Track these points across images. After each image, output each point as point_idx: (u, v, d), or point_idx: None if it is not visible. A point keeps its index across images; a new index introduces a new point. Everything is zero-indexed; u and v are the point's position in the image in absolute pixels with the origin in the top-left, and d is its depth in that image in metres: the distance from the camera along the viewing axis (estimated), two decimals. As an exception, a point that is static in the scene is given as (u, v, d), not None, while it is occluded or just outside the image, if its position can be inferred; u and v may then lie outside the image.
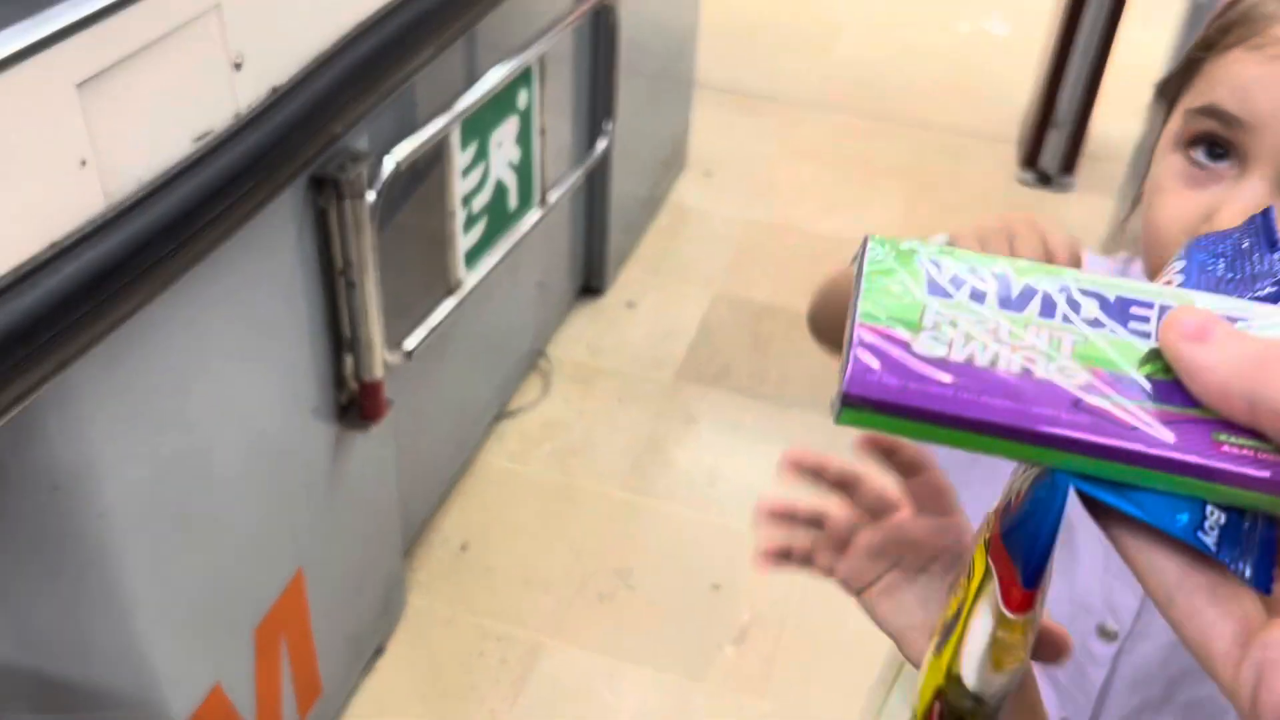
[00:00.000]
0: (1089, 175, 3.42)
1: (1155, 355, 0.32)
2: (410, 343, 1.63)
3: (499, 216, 1.83)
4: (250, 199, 1.16)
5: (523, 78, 1.77)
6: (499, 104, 1.72)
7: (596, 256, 2.77)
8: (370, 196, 1.41)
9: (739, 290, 2.88)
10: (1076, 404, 0.32)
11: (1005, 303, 0.34)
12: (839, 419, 0.34)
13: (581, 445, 2.39)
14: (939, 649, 0.44)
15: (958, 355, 0.33)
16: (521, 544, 2.18)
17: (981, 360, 0.33)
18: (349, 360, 1.53)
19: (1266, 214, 0.38)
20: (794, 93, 3.78)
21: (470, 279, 1.76)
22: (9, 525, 1.06)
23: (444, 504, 2.23)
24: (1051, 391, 0.32)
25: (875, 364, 0.33)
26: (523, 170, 1.87)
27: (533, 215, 1.95)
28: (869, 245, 0.36)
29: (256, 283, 1.32)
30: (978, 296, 0.34)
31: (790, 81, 3.85)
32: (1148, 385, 0.32)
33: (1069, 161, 3.37)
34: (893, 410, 0.33)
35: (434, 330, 1.68)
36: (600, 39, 2.20)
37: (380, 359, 1.52)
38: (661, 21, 2.75)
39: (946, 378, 0.33)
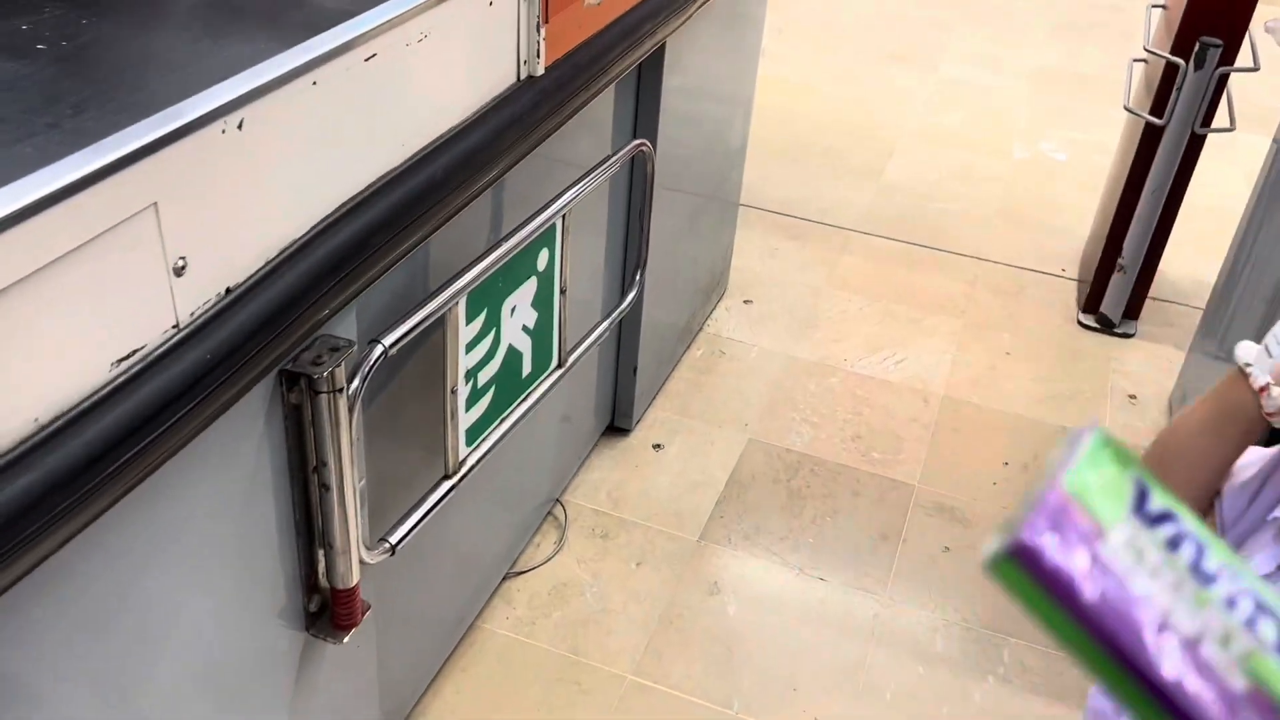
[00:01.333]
0: (1153, 321, 3.20)
1: None
2: (396, 536, 1.43)
3: (510, 385, 1.64)
4: (198, 413, 0.98)
5: (545, 236, 1.59)
6: (515, 267, 1.54)
7: (624, 394, 2.58)
8: (354, 386, 1.23)
9: (774, 436, 2.67)
10: (1232, 708, 0.30)
11: (1195, 570, 0.33)
12: (993, 565, 0.33)
13: (594, 615, 2.17)
14: None
15: (1138, 584, 0.32)
16: (519, 733, 1.95)
17: (1161, 600, 0.32)
18: (322, 562, 1.33)
19: None
20: (842, 215, 3.61)
21: (472, 457, 1.57)
22: None
23: (440, 677, 2.01)
24: (1210, 678, 0.31)
25: (1055, 535, 0.32)
26: (540, 334, 1.69)
27: (550, 379, 1.76)
28: (1096, 433, 0.36)
29: (214, 487, 1.13)
30: (1173, 546, 0.33)
31: (839, 203, 3.68)
32: None
33: (1133, 307, 3.16)
34: (1050, 584, 0.31)
35: (427, 517, 1.48)
36: (635, 181, 2.03)
37: (357, 564, 1.33)
38: (708, 144, 2.59)
39: (1116, 590, 0.31)
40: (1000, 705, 2.02)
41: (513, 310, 1.57)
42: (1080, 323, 3.19)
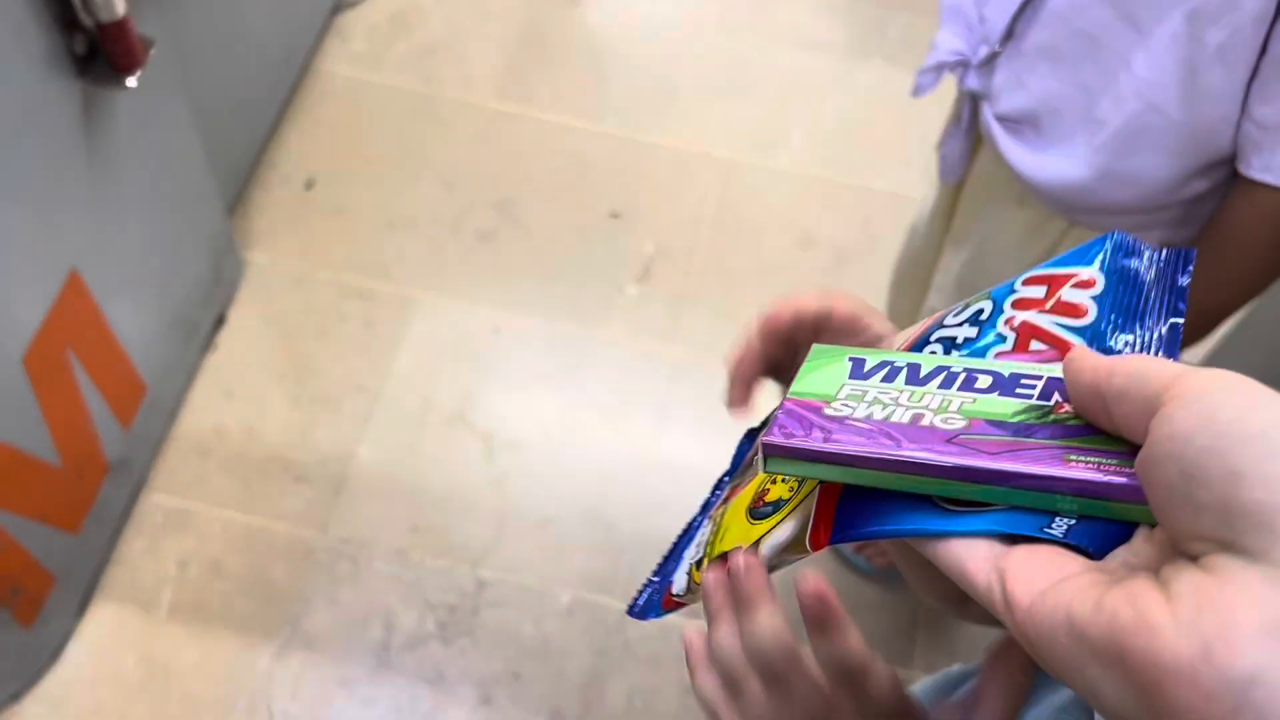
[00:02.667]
0: None
1: (1030, 409, 0.35)
2: (165, -47, 1.16)
3: None
4: None
5: None
6: None
7: None
8: None
9: None
10: (950, 439, 0.35)
11: (913, 379, 0.38)
12: (764, 468, 0.38)
13: (444, 41, 1.95)
14: (759, 517, 0.44)
15: (859, 415, 0.37)
16: (379, 176, 1.81)
17: (878, 416, 0.37)
18: (73, -8, 1.08)
19: (1189, 254, 0.39)
20: None
21: None
22: None
23: (278, 130, 1.82)
24: (931, 433, 0.35)
25: (790, 424, 0.37)
26: None
27: None
28: (811, 350, 0.42)
29: None
30: (891, 377, 0.39)
31: None
32: (1016, 425, 0.35)
33: None
34: (795, 455, 0.37)
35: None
36: None
37: (116, -13, 1.07)
38: None
39: (843, 431, 0.36)
40: (887, 83, 1.92)
41: None
42: None
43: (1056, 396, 0.35)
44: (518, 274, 1.73)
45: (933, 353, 0.41)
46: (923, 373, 0.38)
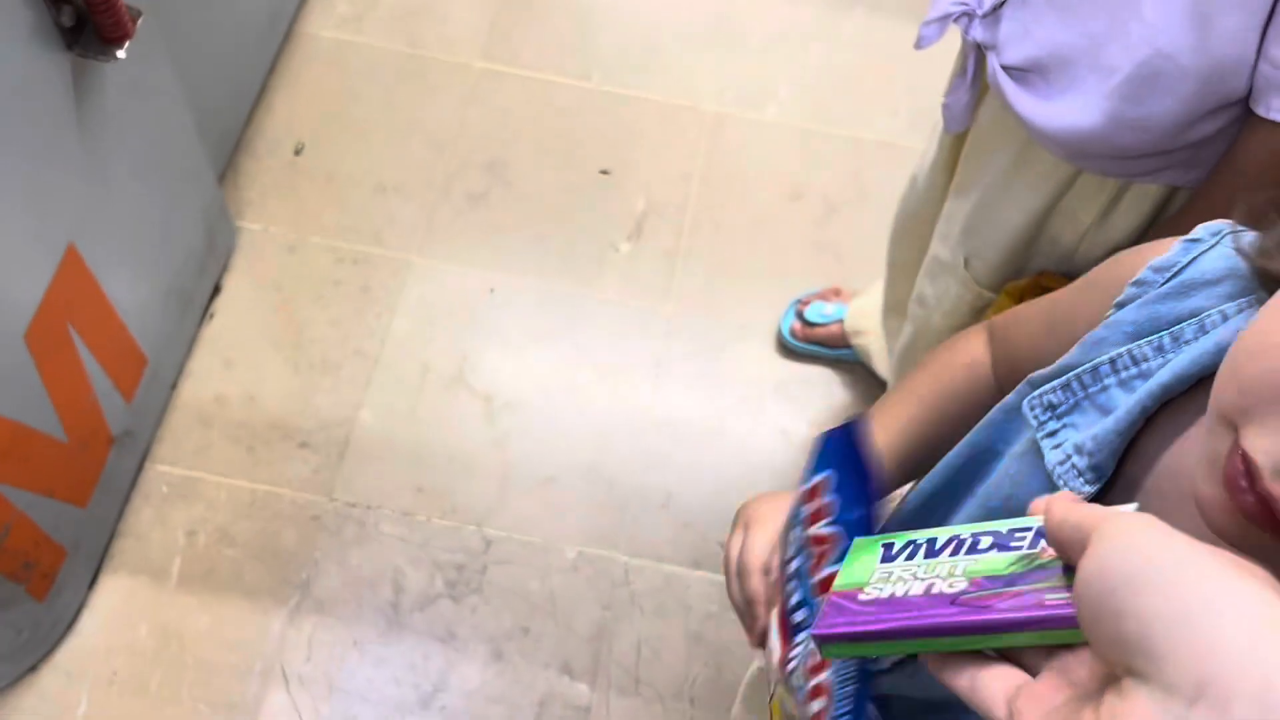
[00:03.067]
0: None
1: (1020, 559, 0.41)
2: (149, -79, 1.15)
3: None
4: None
5: None
6: None
7: None
8: None
9: None
10: (953, 601, 0.41)
11: (930, 553, 0.46)
12: (822, 654, 0.47)
13: (426, 1, 1.94)
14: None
15: (885, 594, 0.45)
16: (367, 141, 1.81)
17: (899, 593, 0.44)
18: (59, -37, 1.07)
19: (864, 422, 0.58)
20: None
21: None
22: None
23: (264, 96, 1.81)
24: (939, 599, 0.42)
25: (832, 614, 0.45)
26: None
27: None
28: (853, 544, 0.51)
29: None
30: (912, 555, 0.46)
31: None
32: (1007, 576, 0.41)
33: None
34: (838, 639, 0.45)
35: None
36: None
37: (102, -43, 1.07)
38: None
39: (871, 611, 0.44)
40: (872, 32, 1.92)
41: None
42: None
43: (1042, 543, 0.41)
44: (510, 234, 1.74)
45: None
46: (938, 545, 0.46)
